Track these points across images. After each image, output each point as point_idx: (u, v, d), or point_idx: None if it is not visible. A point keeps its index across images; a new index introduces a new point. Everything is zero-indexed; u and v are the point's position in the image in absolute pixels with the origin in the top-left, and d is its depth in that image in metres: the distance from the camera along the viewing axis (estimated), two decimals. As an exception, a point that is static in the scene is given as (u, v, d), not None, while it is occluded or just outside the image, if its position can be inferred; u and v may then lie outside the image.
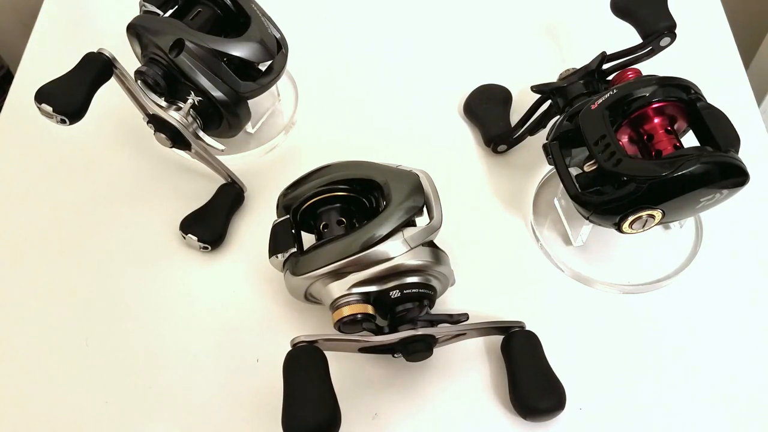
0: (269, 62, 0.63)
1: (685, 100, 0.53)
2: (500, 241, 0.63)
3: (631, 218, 0.51)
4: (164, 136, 0.60)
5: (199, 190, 0.65)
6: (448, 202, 0.53)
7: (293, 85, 0.74)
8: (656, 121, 0.54)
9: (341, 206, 0.55)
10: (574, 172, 0.55)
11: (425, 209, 0.52)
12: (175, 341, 0.58)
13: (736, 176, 0.50)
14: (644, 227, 0.53)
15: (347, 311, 0.50)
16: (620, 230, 0.53)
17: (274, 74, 0.63)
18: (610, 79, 0.61)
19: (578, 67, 0.62)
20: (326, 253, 0.51)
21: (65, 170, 0.68)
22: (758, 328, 0.58)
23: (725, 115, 0.52)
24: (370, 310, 0.51)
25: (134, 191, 0.67)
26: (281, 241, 0.53)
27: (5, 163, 0.69)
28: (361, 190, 0.55)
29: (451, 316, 0.53)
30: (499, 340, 0.56)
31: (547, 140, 0.57)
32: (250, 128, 0.68)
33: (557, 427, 0.53)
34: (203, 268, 0.62)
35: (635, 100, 0.53)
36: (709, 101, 0.53)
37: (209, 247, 0.61)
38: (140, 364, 0.57)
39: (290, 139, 0.70)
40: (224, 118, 0.61)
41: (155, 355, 0.57)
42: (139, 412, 0.55)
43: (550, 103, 0.63)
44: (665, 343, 0.57)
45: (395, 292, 0.51)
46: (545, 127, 0.65)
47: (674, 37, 0.59)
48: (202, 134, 0.61)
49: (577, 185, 0.54)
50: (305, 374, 0.47)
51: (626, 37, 0.61)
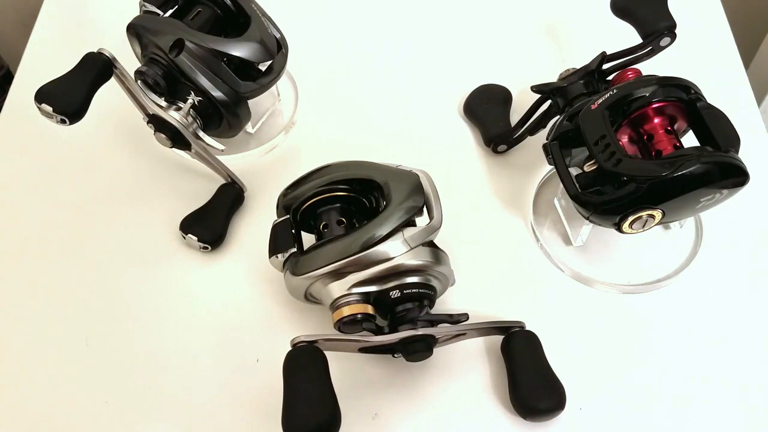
0: (269, 62, 0.63)
1: (685, 100, 0.53)
2: (500, 241, 0.63)
3: (631, 218, 0.51)
4: (164, 136, 0.60)
5: (199, 190, 0.65)
6: (448, 202, 0.53)
7: (293, 85, 0.74)
8: (656, 121, 0.54)
9: (341, 206, 0.55)
10: (574, 172, 0.55)
11: (425, 209, 0.52)
12: (175, 341, 0.58)
13: (736, 176, 0.50)
14: (644, 227, 0.53)
15: (347, 311, 0.50)
16: (620, 230, 0.53)
17: (274, 74, 0.63)
18: (610, 79, 0.61)
19: (578, 67, 0.62)
20: (326, 253, 0.51)
21: (65, 170, 0.68)
22: (758, 328, 0.58)
23: (725, 115, 0.52)
24: (370, 310, 0.51)
25: (134, 191, 0.67)
26: (281, 241, 0.53)
27: (5, 163, 0.69)
28: (361, 190, 0.55)
29: (451, 316, 0.53)
30: (499, 340, 0.56)
31: (547, 140, 0.57)
32: (250, 128, 0.68)
33: (557, 427, 0.53)
34: (203, 268, 0.62)
35: (635, 100, 0.53)
36: (709, 101, 0.53)
37: (209, 247, 0.61)
38: (140, 364, 0.57)
39: (290, 139, 0.70)
40: (224, 118, 0.61)
41: (155, 355, 0.57)
42: (139, 412, 0.55)
43: (550, 103, 0.63)
44: (665, 343, 0.57)
45: (395, 292, 0.51)
46: (545, 127, 0.65)
47: (674, 37, 0.59)
48: (202, 134, 0.61)
49: (577, 185, 0.54)
50: (305, 374, 0.47)
51: (626, 37, 0.61)
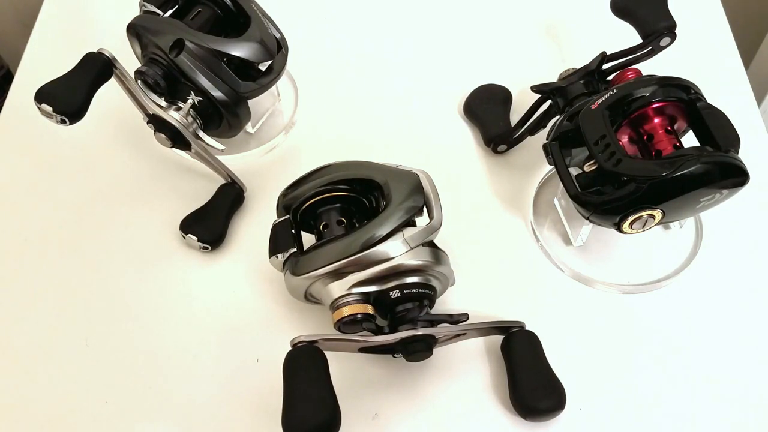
0: (269, 62, 0.63)
1: (685, 100, 0.53)
2: (500, 241, 0.63)
3: (631, 218, 0.51)
4: (164, 136, 0.60)
5: (199, 190, 0.65)
6: (448, 202, 0.53)
7: (293, 85, 0.74)
8: (656, 121, 0.54)
9: (341, 206, 0.55)
10: (574, 172, 0.55)
11: (425, 209, 0.52)
12: (175, 341, 0.58)
13: (736, 176, 0.50)
14: (644, 227, 0.53)
15: (347, 311, 0.50)
16: (620, 230, 0.53)
17: (274, 74, 0.63)
18: (610, 79, 0.61)
19: (578, 67, 0.62)
20: (326, 253, 0.51)
21: (65, 170, 0.68)
22: (758, 327, 0.58)
23: (725, 115, 0.52)
24: (370, 310, 0.51)
25: (134, 191, 0.67)
26: (281, 241, 0.53)
27: (5, 163, 0.69)
28: (361, 190, 0.55)
29: (451, 316, 0.53)
30: (499, 340, 0.56)
31: (547, 140, 0.57)
32: (250, 128, 0.68)
33: (557, 427, 0.53)
34: (203, 268, 0.62)
35: (635, 100, 0.53)
36: (709, 101, 0.53)
37: (209, 247, 0.61)
38: (140, 364, 0.57)
39: (290, 139, 0.70)
40: (224, 118, 0.61)
41: (155, 355, 0.57)
42: (139, 412, 0.55)
43: (550, 103, 0.63)
44: (665, 343, 0.57)
45: (395, 292, 0.51)
46: (545, 127, 0.65)
47: (674, 37, 0.59)
48: (202, 134, 0.61)
49: (577, 185, 0.54)
50: (305, 374, 0.47)
51: (626, 37, 0.61)
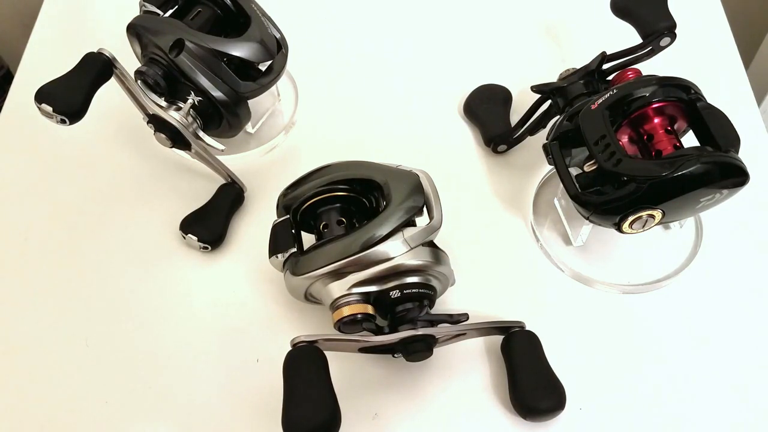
0: (269, 62, 0.63)
1: (685, 100, 0.53)
2: (500, 241, 0.63)
3: (631, 218, 0.51)
4: (164, 136, 0.60)
5: (199, 190, 0.65)
6: (448, 202, 0.53)
7: (293, 85, 0.73)
8: (656, 121, 0.54)
9: (341, 206, 0.55)
10: (574, 172, 0.55)
11: (425, 209, 0.52)
12: (175, 341, 0.58)
13: (736, 176, 0.50)
14: (644, 227, 0.53)
15: (347, 311, 0.50)
16: (620, 230, 0.53)
17: (274, 74, 0.63)
18: (610, 79, 0.61)
19: (578, 67, 0.62)
20: (326, 253, 0.50)
21: (65, 170, 0.68)
22: (758, 327, 0.58)
23: (725, 115, 0.52)
24: (370, 310, 0.51)
25: (134, 191, 0.67)
26: (281, 241, 0.53)
27: (5, 163, 0.69)
28: (361, 190, 0.55)
29: (451, 316, 0.53)
30: (499, 340, 0.56)
31: (547, 140, 0.57)
32: (250, 128, 0.68)
33: (557, 427, 0.53)
34: (203, 268, 0.62)
35: (635, 100, 0.53)
36: (709, 101, 0.53)
37: (209, 247, 0.61)
38: (140, 364, 0.57)
39: (290, 139, 0.70)
40: (224, 118, 0.61)
41: (155, 355, 0.57)
42: (139, 412, 0.55)
43: (550, 103, 0.63)
44: (665, 343, 0.57)
45: (395, 292, 0.51)
46: (545, 127, 0.65)
47: (674, 37, 0.59)
48: (202, 134, 0.61)
49: (577, 185, 0.54)
50: (305, 374, 0.47)
51: (626, 37, 0.61)
